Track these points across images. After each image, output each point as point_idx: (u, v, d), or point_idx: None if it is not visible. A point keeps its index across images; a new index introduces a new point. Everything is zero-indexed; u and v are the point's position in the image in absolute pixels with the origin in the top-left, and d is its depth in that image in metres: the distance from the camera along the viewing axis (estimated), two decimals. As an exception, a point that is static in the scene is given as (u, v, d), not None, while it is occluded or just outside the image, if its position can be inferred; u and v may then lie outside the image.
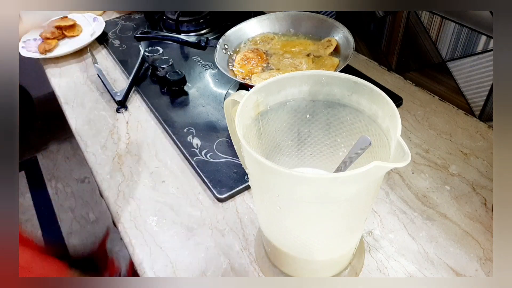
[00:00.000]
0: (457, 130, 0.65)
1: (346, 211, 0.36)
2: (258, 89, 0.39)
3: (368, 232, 0.52)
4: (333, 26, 0.74)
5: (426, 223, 0.52)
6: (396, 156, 0.31)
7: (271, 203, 0.37)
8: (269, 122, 0.43)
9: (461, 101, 0.68)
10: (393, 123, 0.34)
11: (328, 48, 0.72)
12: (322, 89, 0.41)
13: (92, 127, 0.71)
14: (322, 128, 0.45)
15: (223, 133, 0.66)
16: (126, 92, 0.76)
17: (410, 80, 0.76)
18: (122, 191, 0.59)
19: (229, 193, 0.56)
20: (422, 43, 0.70)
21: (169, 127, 0.68)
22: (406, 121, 0.67)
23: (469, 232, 0.51)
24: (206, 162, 0.61)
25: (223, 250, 0.51)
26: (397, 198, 0.55)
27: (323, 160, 0.48)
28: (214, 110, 0.72)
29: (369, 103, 0.39)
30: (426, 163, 0.60)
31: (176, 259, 0.50)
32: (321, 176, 0.31)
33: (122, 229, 0.54)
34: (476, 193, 0.55)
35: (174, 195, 0.58)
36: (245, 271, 0.49)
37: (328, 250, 0.42)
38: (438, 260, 0.48)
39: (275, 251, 0.44)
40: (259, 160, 0.31)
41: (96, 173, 0.63)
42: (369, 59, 0.84)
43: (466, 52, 0.64)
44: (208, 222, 0.54)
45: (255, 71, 0.70)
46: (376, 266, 0.48)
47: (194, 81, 0.79)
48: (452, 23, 0.64)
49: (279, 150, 0.47)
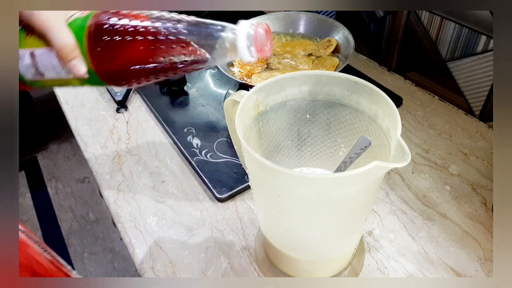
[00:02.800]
0: (457, 130, 0.65)
1: (346, 211, 0.36)
2: (258, 89, 0.39)
3: (368, 232, 0.52)
4: (333, 26, 0.74)
5: (426, 223, 0.52)
6: (396, 156, 0.32)
7: (271, 203, 0.37)
8: (269, 122, 0.43)
9: (461, 101, 0.68)
10: (393, 123, 0.34)
11: (328, 48, 0.72)
12: (322, 89, 0.41)
13: (92, 127, 0.71)
14: (322, 128, 0.45)
15: (223, 133, 0.66)
16: (126, 92, 0.76)
17: (410, 80, 0.76)
18: (122, 191, 0.59)
19: (229, 193, 0.56)
20: (422, 43, 0.70)
21: (169, 127, 0.68)
22: (406, 121, 0.67)
23: (469, 232, 0.51)
24: (206, 162, 0.61)
25: (223, 250, 0.51)
26: (397, 198, 0.55)
27: (323, 160, 0.48)
28: (214, 110, 0.72)
29: (369, 103, 0.39)
30: (426, 163, 0.60)
31: (176, 259, 0.50)
32: (321, 176, 0.31)
33: (122, 229, 0.54)
34: (476, 193, 0.55)
35: (174, 195, 0.58)
36: (245, 271, 0.49)
37: (328, 250, 0.42)
38: (438, 260, 0.48)
39: (275, 251, 0.44)
40: (259, 160, 0.31)
41: (96, 173, 0.63)
42: (369, 59, 0.84)
43: (466, 52, 0.64)
44: (208, 222, 0.54)
45: (255, 71, 0.70)
46: (376, 266, 0.48)
47: (194, 81, 0.79)
48: (452, 23, 0.64)
49: (279, 150, 0.47)
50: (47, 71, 0.37)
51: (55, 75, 0.38)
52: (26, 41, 0.37)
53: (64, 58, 0.35)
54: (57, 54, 0.35)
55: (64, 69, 0.36)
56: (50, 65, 0.37)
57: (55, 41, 0.34)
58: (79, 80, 0.38)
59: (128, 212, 0.56)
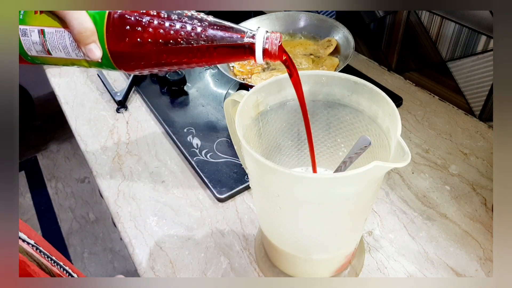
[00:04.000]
0: (457, 130, 0.65)
1: (346, 211, 0.36)
2: (258, 89, 0.39)
3: (368, 232, 0.52)
4: (333, 26, 0.74)
5: (426, 223, 0.52)
6: (396, 156, 0.32)
7: (271, 203, 0.37)
8: (269, 122, 0.43)
9: (461, 101, 0.68)
10: (393, 123, 0.34)
11: (328, 48, 0.72)
12: (322, 89, 0.41)
13: (92, 127, 0.71)
14: (322, 128, 0.45)
15: (223, 133, 0.66)
16: (126, 92, 0.76)
17: (410, 80, 0.76)
18: (122, 191, 0.59)
19: (229, 193, 0.56)
20: (422, 43, 0.70)
21: (169, 127, 0.68)
22: (406, 121, 0.67)
23: (469, 232, 0.51)
24: (206, 162, 0.61)
25: (223, 250, 0.51)
26: (397, 198, 0.55)
27: (323, 160, 0.48)
28: (214, 110, 0.72)
29: (369, 103, 0.39)
30: (426, 163, 0.60)
31: (176, 259, 0.50)
32: (321, 176, 0.31)
33: (122, 229, 0.54)
34: (476, 193, 0.55)
35: (174, 195, 0.58)
36: (245, 271, 0.49)
37: (328, 250, 0.42)
38: (438, 260, 0.48)
39: (275, 251, 0.44)
40: (259, 160, 0.31)
41: (96, 173, 0.63)
42: (369, 59, 0.84)
43: (466, 52, 0.64)
44: (208, 222, 0.54)
45: (255, 71, 0.70)
46: (376, 266, 0.48)
47: (194, 81, 0.79)
48: (452, 23, 0.64)
49: (279, 150, 0.47)
50: (56, 51, 0.39)
51: (63, 55, 0.39)
52: (35, 18, 0.38)
53: (82, 41, 0.36)
54: (75, 37, 0.36)
55: (76, 50, 0.38)
56: (61, 45, 0.38)
57: (75, 24, 0.35)
58: (89, 63, 0.39)
59: (128, 212, 0.56)
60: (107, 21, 0.36)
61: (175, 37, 0.35)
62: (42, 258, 0.37)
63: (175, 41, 0.36)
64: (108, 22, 0.36)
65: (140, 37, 0.36)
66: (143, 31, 0.36)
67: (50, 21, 0.37)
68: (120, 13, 0.36)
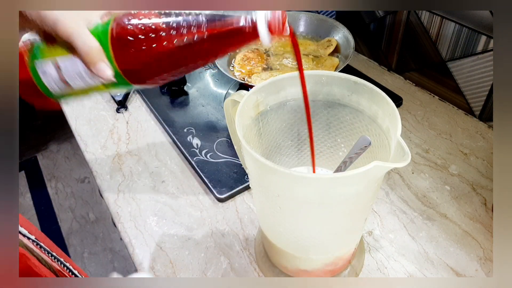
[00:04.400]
0: (457, 130, 0.65)
1: (346, 211, 0.36)
2: (258, 89, 0.39)
3: (368, 232, 0.52)
4: (333, 26, 0.74)
5: (426, 223, 0.52)
6: (396, 156, 0.32)
7: (271, 203, 0.37)
8: (269, 122, 0.43)
9: (461, 101, 0.68)
10: (393, 123, 0.34)
11: (328, 48, 0.72)
12: (322, 89, 0.41)
13: (92, 127, 0.71)
14: (322, 128, 0.45)
15: (223, 133, 0.66)
16: (126, 92, 0.76)
17: (410, 80, 0.76)
18: (122, 191, 0.59)
19: (229, 193, 0.56)
20: (422, 43, 0.70)
21: (169, 127, 0.68)
22: (406, 121, 0.67)
23: (469, 232, 0.51)
24: (206, 162, 0.61)
25: (223, 250, 0.51)
26: (397, 198, 0.55)
27: (323, 160, 0.48)
28: (214, 110, 0.72)
29: (369, 103, 0.39)
30: (426, 163, 0.60)
31: (176, 259, 0.50)
32: (321, 176, 0.31)
33: (122, 229, 0.54)
34: (476, 193, 0.55)
35: (174, 195, 0.58)
36: (245, 271, 0.49)
37: (328, 250, 0.42)
38: (438, 260, 0.48)
39: (275, 251, 0.44)
40: (259, 160, 0.31)
41: (96, 173, 0.63)
42: (369, 59, 0.84)
43: (466, 52, 0.64)
44: (208, 222, 0.54)
45: (255, 71, 0.70)
46: (376, 266, 0.48)
47: (194, 81, 0.79)
48: (452, 23, 0.64)
49: (279, 150, 0.47)
50: (73, 80, 0.38)
51: (81, 84, 0.39)
52: (48, 52, 0.38)
53: (90, 62, 0.36)
54: (83, 60, 0.36)
55: (89, 74, 0.37)
56: (75, 72, 0.38)
57: (80, 46, 0.35)
58: (105, 85, 0.39)
59: (128, 212, 0.56)
60: (111, 37, 0.36)
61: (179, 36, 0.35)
62: (42, 254, 0.37)
63: (180, 39, 0.35)
64: (112, 38, 0.36)
65: (145, 44, 0.35)
66: (145, 38, 0.35)
67: (61, 50, 0.37)
68: (120, 26, 0.36)
